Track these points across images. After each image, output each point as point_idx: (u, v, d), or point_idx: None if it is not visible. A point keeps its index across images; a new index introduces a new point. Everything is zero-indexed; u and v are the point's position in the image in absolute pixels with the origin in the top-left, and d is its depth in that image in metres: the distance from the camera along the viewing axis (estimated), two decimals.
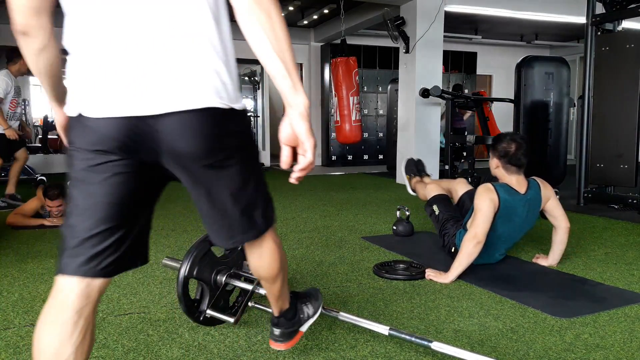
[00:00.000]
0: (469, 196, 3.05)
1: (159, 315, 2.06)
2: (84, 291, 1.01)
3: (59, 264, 1.01)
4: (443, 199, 3.13)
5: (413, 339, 1.64)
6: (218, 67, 0.98)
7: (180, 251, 3.10)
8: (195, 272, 1.78)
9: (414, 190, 3.52)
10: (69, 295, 1.00)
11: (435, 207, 3.08)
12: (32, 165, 6.82)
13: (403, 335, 1.66)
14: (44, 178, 6.16)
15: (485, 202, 2.50)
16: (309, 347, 1.77)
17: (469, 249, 2.48)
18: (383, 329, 1.68)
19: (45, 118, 11.75)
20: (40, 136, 9.09)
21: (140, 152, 0.99)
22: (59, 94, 1.18)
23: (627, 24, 4.96)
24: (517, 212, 2.59)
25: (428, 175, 3.55)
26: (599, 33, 4.76)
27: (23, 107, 4.68)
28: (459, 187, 3.16)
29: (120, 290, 2.37)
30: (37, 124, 11.15)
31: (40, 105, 12.55)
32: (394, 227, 3.55)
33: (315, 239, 3.40)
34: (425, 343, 1.60)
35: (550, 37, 10.32)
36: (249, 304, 1.88)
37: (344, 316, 1.78)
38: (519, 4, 7.05)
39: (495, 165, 2.67)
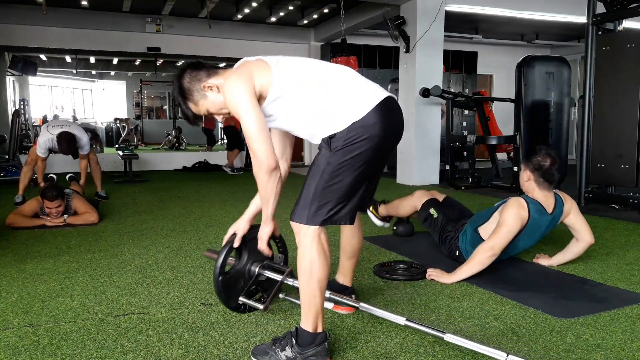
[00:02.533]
0: (433, 203, 2.99)
1: (158, 316, 2.05)
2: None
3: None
4: (437, 203, 3.02)
5: (428, 330, 1.68)
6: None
7: (180, 251, 3.10)
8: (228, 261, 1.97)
9: (383, 219, 3.33)
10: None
11: (432, 211, 2.96)
12: None
13: (418, 326, 1.71)
14: (54, 176, 6.17)
15: (514, 218, 2.46)
16: None
17: (482, 260, 2.46)
18: (400, 320, 1.74)
19: (45, 118, 11.74)
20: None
21: None
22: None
23: (628, 24, 4.94)
24: (540, 229, 2.60)
25: (384, 200, 3.42)
26: (600, 33, 4.75)
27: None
28: (419, 199, 3.07)
29: (119, 291, 2.36)
30: (36, 124, 11.13)
31: (39, 106, 12.58)
32: (394, 228, 3.55)
33: None
34: (439, 334, 1.65)
35: (551, 36, 10.32)
36: (280, 295, 2.06)
37: (364, 307, 1.85)
38: (519, 4, 7.04)
39: (527, 178, 2.62)
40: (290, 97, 1.65)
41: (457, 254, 2.80)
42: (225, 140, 11.30)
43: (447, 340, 1.62)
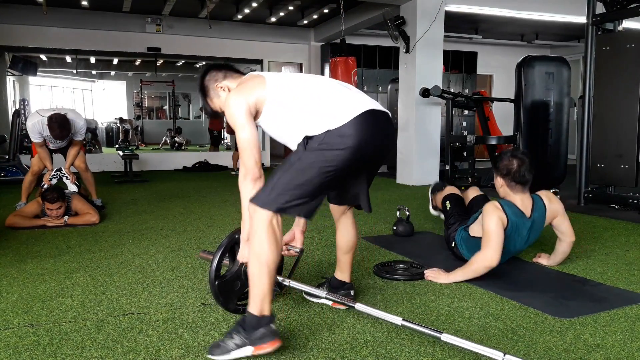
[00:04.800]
0: (480, 198, 3.10)
1: (158, 316, 2.05)
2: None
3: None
4: (455, 198, 3.19)
5: (424, 330, 1.68)
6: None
7: (180, 251, 3.10)
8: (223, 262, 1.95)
9: (435, 208, 3.50)
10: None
11: (447, 203, 3.16)
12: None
13: (415, 326, 1.70)
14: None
15: (495, 222, 2.45)
16: (309, 347, 1.77)
17: (478, 270, 2.46)
18: (396, 320, 1.74)
19: None
20: None
21: None
22: None
23: (628, 24, 4.95)
24: (520, 233, 2.58)
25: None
26: (600, 33, 4.75)
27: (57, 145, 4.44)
28: (470, 192, 3.22)
29: (119, 291, 2.36)
30: None
31: (40, 106, 12.55)
32: (394, 227, 3.55)
33: (315, 239, 3.40)
34: (436, 334, 1.64)
35: (550, 36, 10.32)
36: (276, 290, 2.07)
37: (360, 307, 1.84)
38: (519, 4, 7.05)
39: (499, 184, 2.62)
40: (279, 110, 1.74)
41: (452, 244, 2.89)
42: (229, 142, 11.33)
43: (444, 340, 1.62)
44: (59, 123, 4.00)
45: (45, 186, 4.29)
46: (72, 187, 4.39)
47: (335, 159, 1.64)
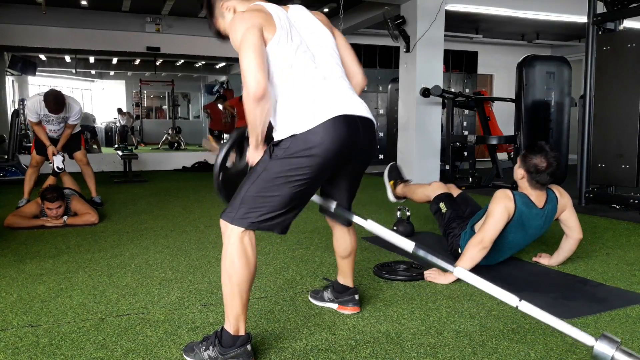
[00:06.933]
0: (463, 197, 3.06)
1: (158, 317, 2.05)
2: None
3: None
4: (449, 197, 3.06)
5: (436, 261, 1.81)
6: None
7: (180, 252, 3.10)
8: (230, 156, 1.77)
9: (397, 197, 3.33)
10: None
11: (442, 205, 2.99)
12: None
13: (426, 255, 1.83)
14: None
15: (500, 208, 2.46)
16: (309, 348, 1.76)
17: (472, 254, 2.46)
18: (409, 245, 1.88)
19: None
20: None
21: None
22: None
23: (628, 23, 4.94)
24: (532, 223, 2.58)
25: (408, 181, 3.39)
26: (600, 32, 4.74)
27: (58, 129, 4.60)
28: (433, 191, 3.10)
29: (119, 291, 2.36)
30: None
31: None
32: (394, 228, 3.54)
33: (315, 239, 3.39)
34: (450, 268, 1.79)
35: (551, 36, 10.30)
36: None
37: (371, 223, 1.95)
38: (520, 3, 7.04)
39: (520, 175, 2.60)
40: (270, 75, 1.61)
41: (458, 251, 2.79)
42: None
43: (452, 272, 1.79)
44: (54, 96, 4.27)
45: (53, 164, 4.45)
46: (58, 162, 4.48)
47: (302, 167, 1.55)
